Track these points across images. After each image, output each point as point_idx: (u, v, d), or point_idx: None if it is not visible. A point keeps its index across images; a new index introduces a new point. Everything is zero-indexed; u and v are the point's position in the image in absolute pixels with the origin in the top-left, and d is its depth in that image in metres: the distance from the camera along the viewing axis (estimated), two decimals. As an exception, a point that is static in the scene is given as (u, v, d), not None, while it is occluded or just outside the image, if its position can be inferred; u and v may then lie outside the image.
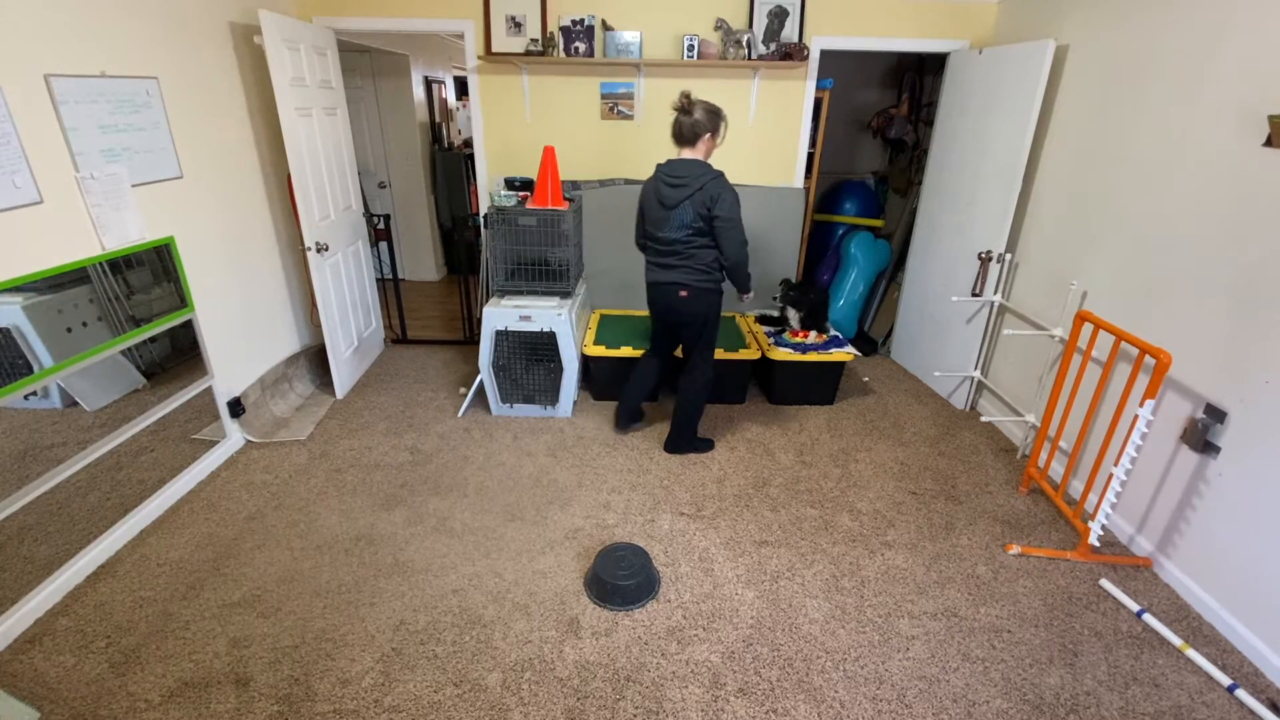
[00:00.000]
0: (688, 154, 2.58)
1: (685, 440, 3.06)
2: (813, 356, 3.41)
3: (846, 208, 4.79)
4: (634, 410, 3.23)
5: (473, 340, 4.41)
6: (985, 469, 3.03)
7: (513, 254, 3.37)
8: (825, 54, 3.79)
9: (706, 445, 3.12)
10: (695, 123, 2.51)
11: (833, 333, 3.67)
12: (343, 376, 3.61)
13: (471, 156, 5.27)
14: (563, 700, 1.83)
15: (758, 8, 3.53)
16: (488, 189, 3.94)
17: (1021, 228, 3.24)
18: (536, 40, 3.54)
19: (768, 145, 3.87)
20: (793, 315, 3.57)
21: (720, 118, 2.56)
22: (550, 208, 3.22)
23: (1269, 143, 1.98)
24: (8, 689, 1.80)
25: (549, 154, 3.23)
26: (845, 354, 3.43)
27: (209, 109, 2.86)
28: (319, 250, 3.27)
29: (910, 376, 4.03)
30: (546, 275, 3.38)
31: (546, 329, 3.18)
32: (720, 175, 2.54)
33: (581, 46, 3.55)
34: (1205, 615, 2.18)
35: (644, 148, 3.85)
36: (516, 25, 3.56)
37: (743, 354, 3.38)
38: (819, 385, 3.56)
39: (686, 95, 2.52)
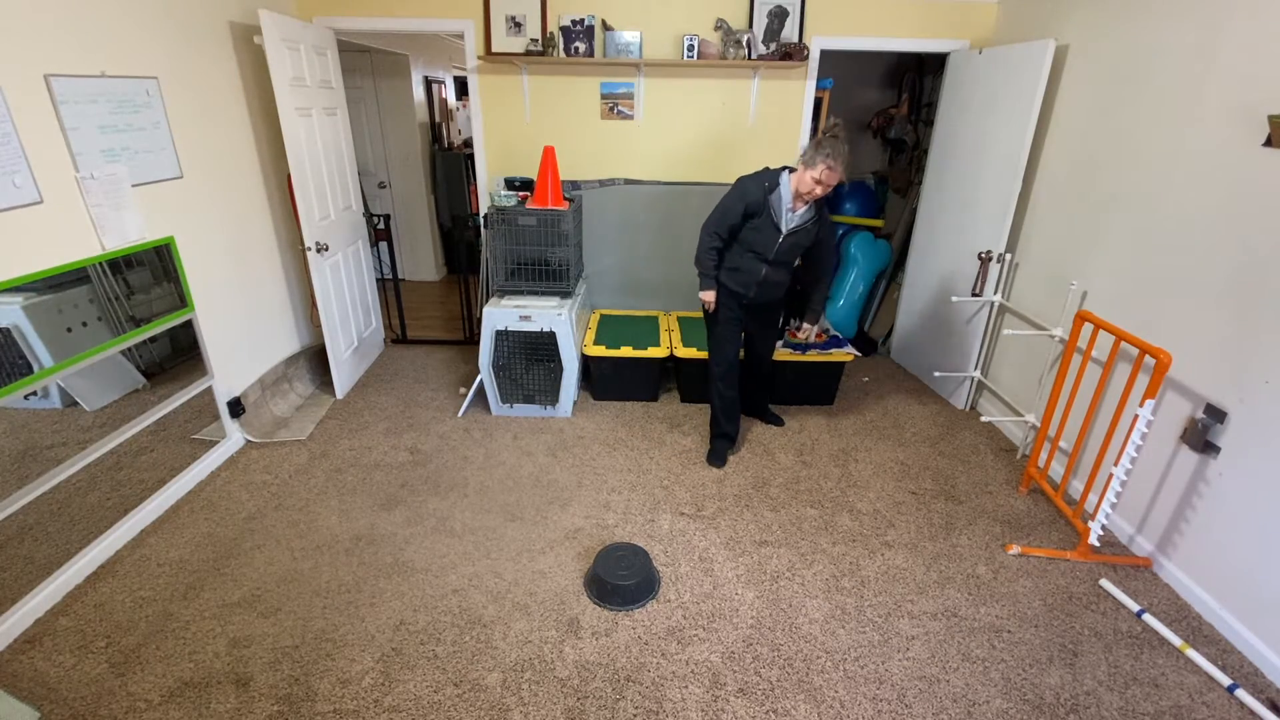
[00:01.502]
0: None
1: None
2: (813, 356, 3.41)
3: (846, 208, 4.79)
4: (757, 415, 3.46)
5: (473, 340, 4.41)
6: (985, 469, 3.03)
7: (513, 254, 3.37)
8: (825, 54, 3.80)
9: (715, 453, 3.04)
10: (805, 148, 2.58)
11: (832, 333, 3.67)
12: (343, 376, 3.61)
13: (471, 156, 5.27)
14: (563, 700, 1.83)
15: (758, 8, 3.53)
16: (488, 189, 3.93)
17: (1021, 228, 3.24)
18: (536, 40, 3.54)
19: (768, 145, 3.87)
20: (807, 331, 3.18)
21: (817, 154, 2.46)
22: (550, 208, 3.22)
23: (1269, 143, 1.98)
24: (8, 689, 1.80)
25: (549, 154, 3.23)
26: (845, 354, 3.43)
27: (209, 109, 2.86)
28: (319, 250, 3.27)
29: (910, 376, 4.03)
30: (546, 275, 3.38)
31: (546, 329, 3.18)
32: (741, 178, 2.69)
33: (581, 46, 3.55)
34: (1205, 615, 2.18)
35: (644, 148, 3.85)
36: (516, 25, 3.56)
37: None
38: (819, 385, 3.56)
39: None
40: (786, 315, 3.41)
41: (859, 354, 3.68)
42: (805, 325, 3.03)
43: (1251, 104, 2.04)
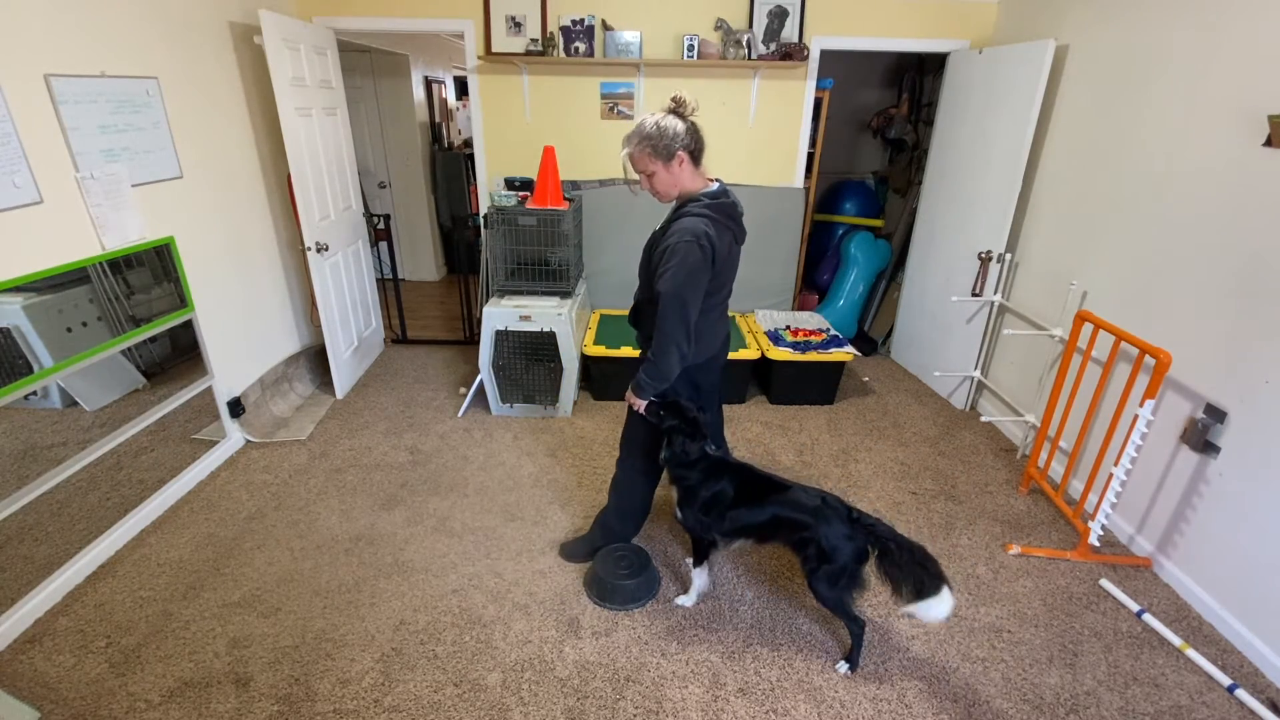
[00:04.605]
0: (710, 175, 1.87)
1: None
2: (813, 356, 3.41)
3: (846, 208, 4.80)
4: None
5: (473, 340, 4.41)
6: (985, 469, 3.03)
7: (513, 254, 3.37)
8: (825, 54, 3.80)
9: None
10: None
11: (832, 333, 3.67)
12: (343, 376, 3.61)
13: (471, 156, 5.26)
14: (563, 700, 1.83)
15: (758, 8, 3.53)
16: (488, 189, 3.93)
17: (1021, 228, 3.24)
18: (536, 40, 3.54)
19: (768, 145, 3.87)
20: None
21: None
22: (550, 208, 3.22)
23: (1269, 143, 1.98)
24: (8, 689, 1.80)
25: (549, 154, 3.23)
26: (845, 354, 3.43)
27: (209, 109, 2.86)
28: (319, 250, 3.27)
29: (910, 376, 4.03)
30: (546, 275, 3.38)
31: (546, 329, 3.18)
32: None
33: (581, 46, 3.55)
34: (1205, 615, 2.18)
35: (644, 148, 3.84)
36: (516, 25, 3.56)
37: (743, 354, 3.38)
38: (819, 385, 3.56)
39: (674, 97, 1.84)
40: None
41: (859, 354, 3.67)
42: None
43: (1251, 104, 2.04)
